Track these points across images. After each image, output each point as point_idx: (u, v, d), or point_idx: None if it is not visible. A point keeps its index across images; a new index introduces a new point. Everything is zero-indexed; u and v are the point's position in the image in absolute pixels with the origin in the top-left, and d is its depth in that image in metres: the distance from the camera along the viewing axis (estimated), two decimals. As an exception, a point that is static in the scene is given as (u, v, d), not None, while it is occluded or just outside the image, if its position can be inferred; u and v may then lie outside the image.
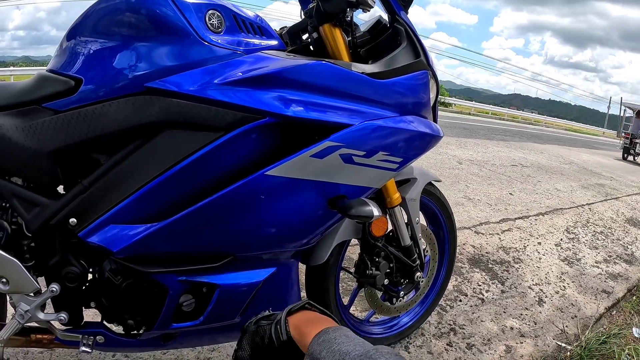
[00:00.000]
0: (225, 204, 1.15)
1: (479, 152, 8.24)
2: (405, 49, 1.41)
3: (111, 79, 1.13)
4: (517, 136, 14.39)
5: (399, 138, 1.31)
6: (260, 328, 0.85)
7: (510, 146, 10.36)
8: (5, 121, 1.16)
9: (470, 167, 6.50)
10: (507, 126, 20.96)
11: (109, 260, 1.21)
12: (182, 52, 1.14)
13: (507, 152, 8.95)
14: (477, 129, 14.32)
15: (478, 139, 10.68)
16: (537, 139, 14.38)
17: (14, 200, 1.18)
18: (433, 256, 1.96)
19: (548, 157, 9.37)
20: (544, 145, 11.85)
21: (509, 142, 11.45)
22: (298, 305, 0.84)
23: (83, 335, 1.30)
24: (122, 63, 1.14)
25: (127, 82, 1.12)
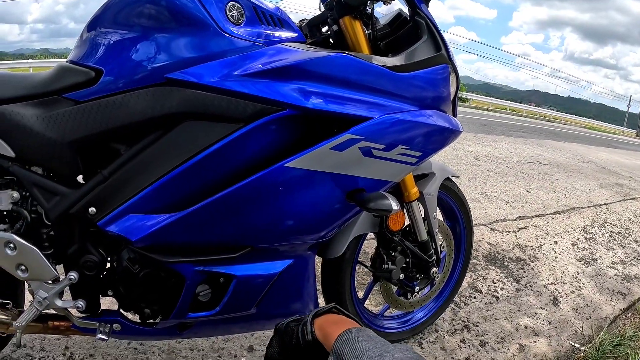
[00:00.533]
0: (245, 196, 1.16)
1: (497, 149, 8.17)
2: (426, 42, 1.40)
3: (132, 70, 1.14)
4: (535, 133, 14.23)
5: (418, 132, 1.31)
6: (289, 328, 0.90)
7: (528, 143, 10.26)
8: (26, 111, 1.17)
9: (487, 164, 6.44)
10: (525, 123, 20.74)
11: (128, 249, 1.22)
12: (202, 43, 1.14)
13: (524, 149, 8.86)
14: (494, 125, 14.20)
15: (496, 135, 10.58)
16: (556, 137, 14.23)
17: (34, 189, 1.19)
18: (449, 252, 1.95)
19: (566, 155, 9.26)
20: (562, 143, 11.72)
21: (527, 139, 11.34)
22: (325, 309, 0.89)
23: (100, 322, 1.32)
24: (143, 54, 1.14)
25: (147, 73, 1.13)
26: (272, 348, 0.92)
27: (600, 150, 12.64)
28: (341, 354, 0.72)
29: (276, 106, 1.12)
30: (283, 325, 0.92)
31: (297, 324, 0.89)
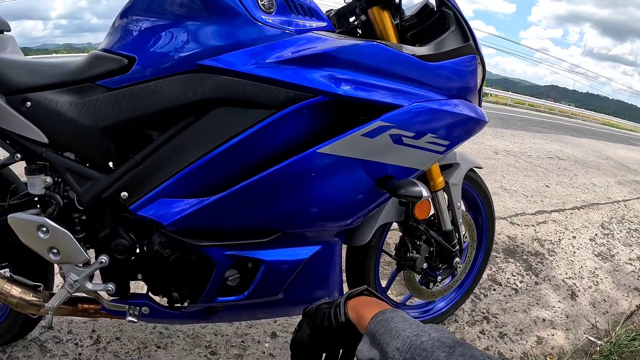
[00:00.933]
0: (276, 181, 1.17)
1: (516, 143, 8.12)
2: (454, 32, 1.40)
3: (164, 58, 1.15)
4: (553, 128, 14.12)
5: (447, 121, 1.31)
6: (320, 311, 0.89)
7: (547, 138, 10.18)
8: (59, 98, 1.19)
9: (506, 158, 6.41)
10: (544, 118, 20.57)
11: (159, 233, 1.24)
12: (234, 31, 1.15)
13: (543, 144, 8.80)
14: (513, 119, 14.12)
15: (514, 130, 10.52)
16: (574, 132, 14.09)
17: (67, 174, 1.22)
18: (471, 243, 1.95)
19: (584, 151, 9.17)
20: (580, 139, 11.61)
21: (545, 134, 11.25)
22: (357, 291, 0.88)
23: (129, 305, 1.35)
24: (175, 42, 1.16)
25: (180, 60, 1.15)
26: (301, 331, 0.91)
27: (619, 147, 12.49)
28: (376, 335, 0.72)
29: (308, 93, 1.13)
30: (313, 308, 0.92)
31: (328, 307, 0.89)
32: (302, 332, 0.91)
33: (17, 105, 1.21)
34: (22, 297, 1.34)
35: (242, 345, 1.79)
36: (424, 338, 0.64)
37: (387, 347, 0.67)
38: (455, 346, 0.61)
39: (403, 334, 0.67)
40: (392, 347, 0.66)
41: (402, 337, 0.67)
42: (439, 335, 0.64)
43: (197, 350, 1.74)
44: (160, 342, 1.76)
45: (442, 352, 0.60)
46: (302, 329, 0.91)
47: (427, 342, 0.63)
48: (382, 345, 0.69)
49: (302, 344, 0.91)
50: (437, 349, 0.61)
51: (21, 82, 1.23)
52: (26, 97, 1.21)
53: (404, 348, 0.65)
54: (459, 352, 0.59)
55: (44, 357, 1.63)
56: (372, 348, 0.72)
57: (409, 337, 0.66)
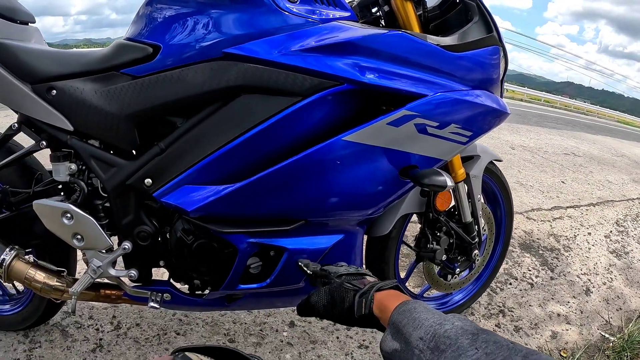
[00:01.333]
0: (301, 168, 1.17)
1: (532, 139, 8.08)
2: (477, 23, 1.39)
3: (189, 46, 1.16)
4: (569, 125, 14.00)
5: (470, 112, 1.30)
6: (343, 288, 0.87)
7: (563, 134, 10.10)
8: (85, 86, 1.21)
9: (522, 153, 6.38)
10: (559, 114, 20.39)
11: (182, 219, 1.25)
12: (259, 19, 1.15)
13: (559, 141, 8.73)
14: (529, 115, 14.02)
15: (530, 126, 10.45)
16: (589, 129, 13.96)
17: (91, 161, 1.23)
18: (490, 235, 1.95)
19: (600, 148, 9.09)
20: (595, 136, 11.50)
21: (561, 130, 11.16)
22: (388, 286, 0.86)
23: (151, 292, 1.36)
24: (200, 30, 1.16)
25: (205, 48, 1.15)
26: (318, 299, 0.90)
27: (634, 145, 12.36)
28: (399, 325, 0.72)
29: (333, 81, 1.13)
30: (337, 276, 0.91)
31: (353, 288, 0.87)
32: (319, 301, 0.89)
33: (43, 94, 1.23)
34: (46, 282, 1.36)
35: (260, 334, 1.81)
36: (447, 327, 0.64)
37: (411, 337, 0.67)
38: (478, 333, 0.61)
39: (426, 323, 0.67)
40: (416, 337, 0.66)
41: (425, 327, 0.67)
42: (462, 323, 0.64)
43: (215, 337, 1.75)
44: (180, 329, 1.77)
45: (466, 339, 0.60)
46: (320, 297, 0.90)
47: (451, 331, 0.63)
48: (405, 336, 0.69)
49: (313, 307, 0.90)
50: (460, 336, 0.61)
51: (47, 71, 1.25)
52: (52, 85, 1.23)
53: (428, 337, 0.65)
54: (482, 339, 0.59)
55: (66, 341, 1.66)
56: (395, 339, 0.72)
57: (432, 326, 0.66)
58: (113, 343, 1.67)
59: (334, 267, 0.98)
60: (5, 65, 1.25)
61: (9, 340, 1.64)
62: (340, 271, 0.93)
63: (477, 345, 0.58)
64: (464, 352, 0.58)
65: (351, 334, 1.89)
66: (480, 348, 0.57)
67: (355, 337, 1.87)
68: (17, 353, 1.59)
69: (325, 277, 0.94)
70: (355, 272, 0.93)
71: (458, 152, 1.39)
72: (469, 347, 0.58)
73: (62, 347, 1.63)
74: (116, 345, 1.66)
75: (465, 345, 0.59)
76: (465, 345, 0.59)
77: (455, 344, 0.60)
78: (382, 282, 0.88)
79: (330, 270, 0.94)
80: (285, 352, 1.74)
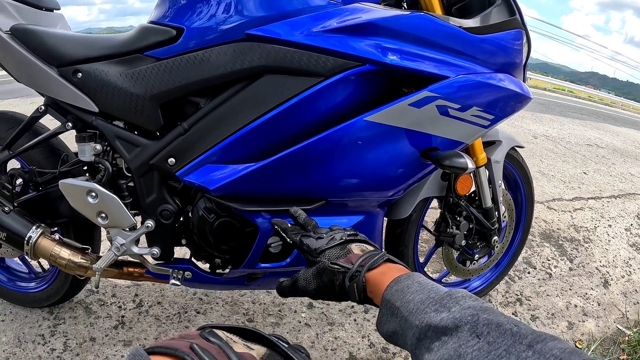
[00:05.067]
0: (323, 148, 1.18)
1: (555, 129, 7.97)
2: (500, 6, 1.37)
3: (212, 28, 1.17)
4: (593, 116, 13.76)
5: (493, 95, 1.29)
6: (329, 271, 0.80)
7: (586, 125, 9.93)
8: (109, 68, 1.24)
9: (545, 143, 6.31)
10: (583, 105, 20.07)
11: (204, 198, 1.27)
12: (282, 1, 1.16)
13: (582, 131, 8.59)
14: (552, 105, 13.84)
15: (553, 115, 10.31)
16: (613, 121, 13.68)
17: (116, 141, 1.26)
18: (510, 222, 1.94)
19: (623, 140, 8.91)
20: (619, 128, 11.26)
21: (584, 120, 10.98)
22: (377, 262, 0.78)
23: (173, 269, 1.39)
24: (223, 12, 1.17)
25: (228, 30, 1.16)
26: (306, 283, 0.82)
27: (658, 139, 12.15)
28: (392, 307, 0.68)
29: (356, 61, 1.13)
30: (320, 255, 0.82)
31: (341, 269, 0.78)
32: (307, 285, 0.82)
33: (69, 76, 1.26)
34: (71, 259, 1.39)
35: (279, 314, 1.83)
36: (443, 314, 0.59)
37: (406, 323, 0.64)
38: (478, 314, 0.56)
39: (421, 307, 0.63)
40: (411, 324, 0.62)
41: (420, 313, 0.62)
42: (459, 308, 0.60)
43: (235, 317, 1.78)
44: (200, 307, 1.81)
45: (466, 325, 0.56)
46: (307, 281, 0.82)
47: (448, 319, 0.58)
48: (401, 320, 0.65)
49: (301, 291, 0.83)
50: (459, 321, 0.57)
51: (72, 54, 1.27)
52: (77, 68, 1.26)
53: (423, 326, 0.60)
54: (484, 321, 0.55)
55: (89, 318, 1.70)
56: (390, 321, 0.68)
57: (428, 314, 0.61)
58: (135, 320, 1.71)
59: (313, 238, 0.87)
60: (32, 49, 1.29)
61: (34, 316, 1.69)
62: (320, 245, 0.84)
63: (478, 331, 0.54)
64: (464, 342, 0.54)
65: (369, 317, 1.90)
66: (481, 335, 0.53)
67: (372, 320, 1.89)
68: (42, 329, 1.64)
69: (307, 252, 0.85)
70: (338, 244, 0.83)
71: (479, 136, 1.38)
72: (469, 337, 0.55)
73: (85, 324, 1.67)
74: (138, 323, 1.70)
75: (465, 334, 0.55)
76: (465, 334, 0.55)
77: (456, 334, 0.56)
78: (371, 257, 0.79)
79: (311, 245, 0.85)
80: (303, 333, 1.76)
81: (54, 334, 1.62)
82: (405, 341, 0.64)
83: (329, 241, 0.84)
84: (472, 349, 0.53)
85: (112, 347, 1.58)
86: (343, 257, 0.81)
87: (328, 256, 0.81)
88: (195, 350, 0.47)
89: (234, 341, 0.55)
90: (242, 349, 0.53)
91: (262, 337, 0.59)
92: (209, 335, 0.53)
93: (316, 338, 1.75)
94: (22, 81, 1.34)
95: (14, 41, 1.29)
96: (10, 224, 1.39)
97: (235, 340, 0.56)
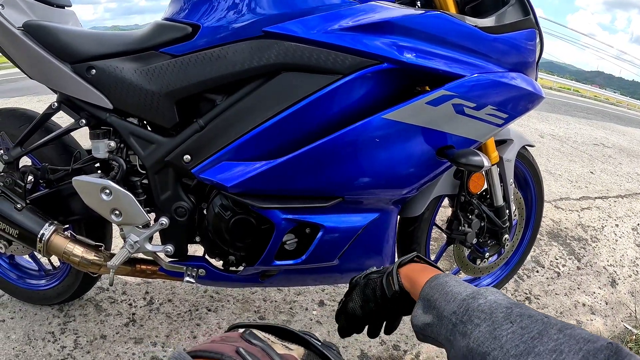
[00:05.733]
0: (340, 145, 1.18)
1: (561, 128, 7.96)
2: (514, 6, 1.37)
3: (229, 25, 1.17)
4: (599, 115, 13.74)
5: (507, 94, 1.29)
6: (370, 281, 0.86)
7: (592, 125, 9.91)
8: (124, 65, 1.23)
9: (552, 142, 6.31)
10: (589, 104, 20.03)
11: (220, 195, 1.27)
12: None
13: (589, 131, 8.57)
14: (558, 104, 13.82)
15: (560, 115, 10.29)
16: (620, 120, 13.64)
17: (130, 138, 1.26)
18: (520, 221, 1.94)
19: (630, 140, 8.88)
20: (626, 128, 11.23)
21: (591, 120, 10.96)
22: (407, 258, 0.85)
23: (187, 267, 1.39)
24: (240, 9, 1.17)
25: (244, 27, 1.16)
26: (352, 302, 0.87)
27: (664, 139, 12.13)
28: (430, 299, 0.71)
29: (373, 59, 1.13)
30: (362, 278, 0.89)
31: (379, 276, 0.86)
32: (354, 304, 0.87)
33: (83, 73, 1.26)
34: (84, 256, 1.40)
35: (290, 312, 1.83)
36: (480, 300, 0.63)
37: (444, 311, 0.67)
38: (512, 307, 0.60)
39: (459, 297, 0.66)
40: (449, 311, 0.66)
41: (458, 300, 0.66)
42: (494, 297, 0.64)
43: (246, 314, 1.78)
44: (211, 305, 1.81)
45: (500, 313, 0.59)
46: (353, 300, 0.87)
47: (485, 304, 0.62)
48: (438, 309, 0.68)
49: (352, 315, 0.88)
50: (495, 310, 0.60)
51: (86, 51, 1.27)
52: (91, 64, 1.26)
53: (461, 311, 0.64)
54: (517, 312, 0.58)
55: (99, 315, 1.70)
56: (427, 313, 0.71)
57: (466, 300, 0.65)
58: (145, 318, 1.71)
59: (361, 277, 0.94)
60: (45, 46, 1.29)
61: (44, 314, 1.70)
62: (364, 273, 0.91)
63: (511, 319, 0.57)
64: (499, 325, 0.57)
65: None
66: (515, 322, 0.56)
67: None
68: (52, 326, 1.64)
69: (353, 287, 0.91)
70: (378, 269, 0.90)
71: (493, 134, 1.38)
72: (503, 321, 0.58)
73: (95, 321, 1.68)
74: (148, 320, 1.70)
75: (500, 319, 0.58)
76: (500, 319, 0.58)
77: (490, 318, 0.59)
78: (403, 257, 0.86)
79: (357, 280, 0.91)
80: (314, 331, 1.76)
81: (64, 331, 1.63)
82: (439, 331, 0.67)
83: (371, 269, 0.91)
84: (507, 332, 0.56)
85: (123, 345, 1.59)
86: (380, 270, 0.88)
87: (369, 275, 0.88)
88: (241, 354, 0.48)
89: (272, 341, 0.56)
90: (282, 350, 0.54)
91: (294, 335, 0.60)
92: (250, 337, 0.54)
93: (327, 335, 1.75)
94: (35, 78, 1.34)
95: (27, 37, 1.29)
96: (22, 221, 1.40)
97: (273, 340, 0.57)
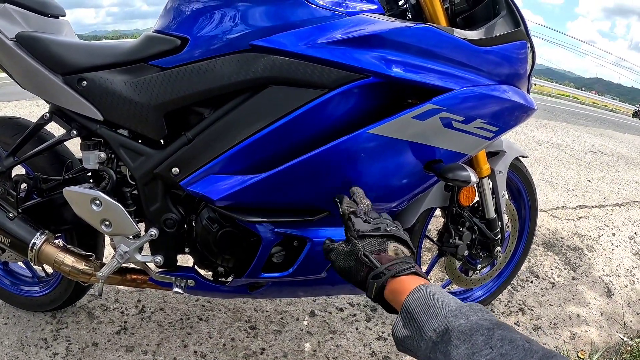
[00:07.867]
0: (326, 160, 1.18)
1: (559, 135, 7.97)
2: (504, 17, 1.37)
3: (217, 38, 1.18)
4: (597, 122, 13.76)
5: (497, 107, 1.29)
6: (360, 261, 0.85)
7: (590, 132, 9.92)
8: (114, 77, 1.24)
9: (549, 150, 6.31)
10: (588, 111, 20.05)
11: (208, 208, 1.27)
12: (286, 12, 1.16)
13: (586, 138, 8.58)
14: (557, 111, 13.85)
15: (558, 122, 10.31)
16: (618, 127, 13.65)
17: (120, 150, 1.27)
18: (513, 232, 1.94)
19: (628, 147, 8.88)
20: (624, 135, 11.24)
21: (589, 127, 10.97)
22: (404, 273, 0.81)
23: (176, 277, 1.39)
24: (228, 22, 1.18)
25: (232, 40, 1.16)
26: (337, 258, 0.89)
27: (663, 146, 12.12)
28: (412, 312, 0.70)
29: (360, 73, 1.13)
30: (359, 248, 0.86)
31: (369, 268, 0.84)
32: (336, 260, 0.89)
33: (74, 85, 1.27)
34: (75, 266, 1.40)
35: (281, 322, 1.83)
36: (462, 320, 0.63)
37: (424, 327, 0.66)
38: (494, 329, 0.59)
39: (440, 313, 0.66)
40: (429, 327, 0.65)
41: (440, 318, 0.65)
42: (477, 317, 0.63)
43: (237, 324, 1.79)
44: (203, 314, 1.81)
45: (481, 336, 0.59)
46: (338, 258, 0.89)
47: (465, 325, 0.61)
48: (419, 324, 0.68)
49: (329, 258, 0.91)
50: (475, 332, 0.60)
51: (78, 63, 1.28)
52: (82, 76, 1.26)
53: (441, 330, 0.63)
54: (498, 336, 0.58)
55: (92, 323, 1.71)
56: (407, 327, 0.71)
57: (447, 318, 0.64)
58: (137, 326, 1.71)
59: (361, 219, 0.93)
60: (37, 57, 1.30)
61: (37, 320, 1.70)
62: (364, 230, 0.89)
63: (492, 343, 0.57)
64: (478, 350, 0.57)
65: (370, 326, 1.90)
66: (495, 347, 0.56)
67: (374, 328, 1.89)
68: (44, 333, 1.65)
69: (349, 229, 0.90)
70: (379, 235, 0.88)
71: (483, 148, 1.38)
72: (483, 346, 0.57)
73: (87, 329, 1.68)
74: (140, 328, 1.70)
75: (480, 344, 0.58)
76: (480, 344, 0.58)
77: (470, 340, 0.59)
78: (400, 266, 0.83)
79: (356, 224, 0.90)
80: (305, 341, 1.76)
81: (57, 338, 1.63)
82: (419, 346, 0.67)
83: (373, 229, 0.90)
84: (485, 358, 0.55)
85: (114, 353, 1.59)
86: (376, 253, 0.86)
87: (364, 245, 0.87)
88: None
89: None
90: None
91: None
92: None
93: (318, 346, 1.75)
94: (28, 88, 1.35)
95: (20, 49, 1.30)
96: (14, 230, 1.40)
97: None
